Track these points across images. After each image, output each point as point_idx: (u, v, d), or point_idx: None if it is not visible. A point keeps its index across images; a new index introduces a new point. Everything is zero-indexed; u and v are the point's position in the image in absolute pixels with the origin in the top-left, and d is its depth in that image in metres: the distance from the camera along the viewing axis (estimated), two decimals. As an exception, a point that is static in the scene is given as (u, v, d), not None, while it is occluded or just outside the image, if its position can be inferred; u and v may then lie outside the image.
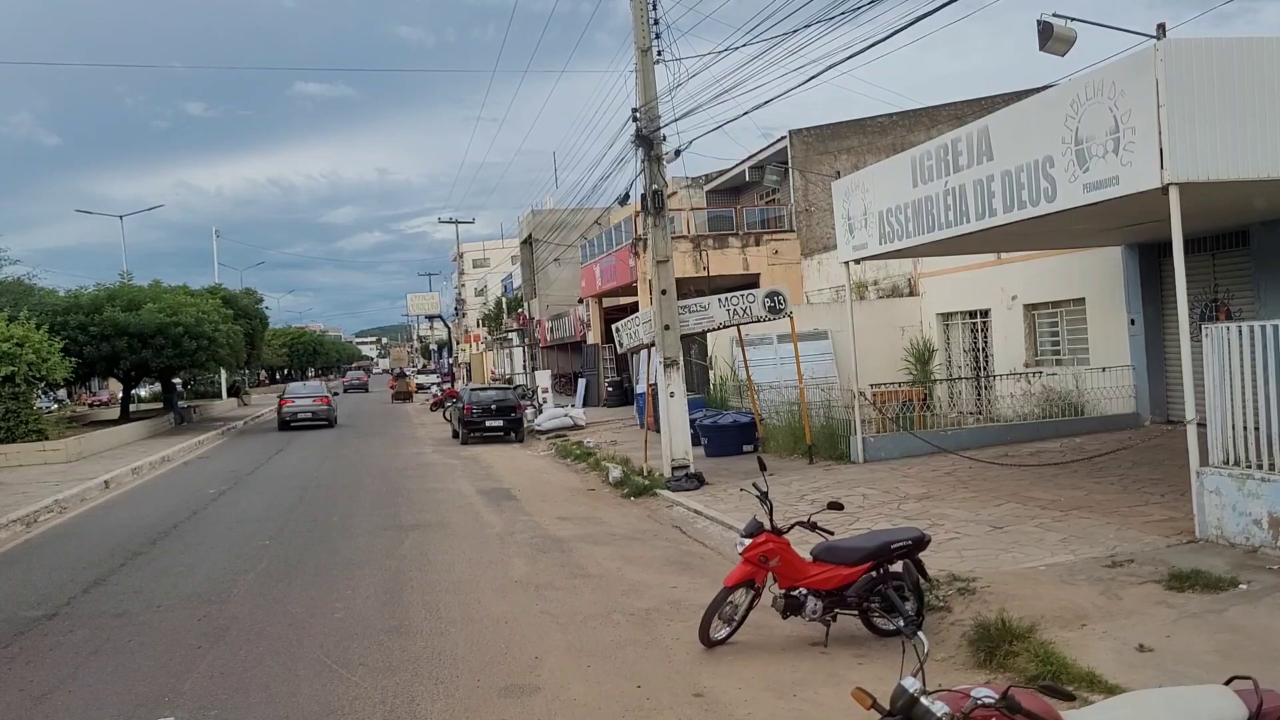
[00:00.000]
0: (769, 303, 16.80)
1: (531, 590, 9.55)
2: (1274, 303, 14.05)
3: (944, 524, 10.47)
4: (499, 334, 65.92)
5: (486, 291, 78.72)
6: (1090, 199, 9.76)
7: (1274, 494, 8.34)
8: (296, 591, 9.89)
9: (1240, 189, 9.80)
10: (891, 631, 7.11)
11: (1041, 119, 10.48)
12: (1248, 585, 7.47)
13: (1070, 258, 18.34)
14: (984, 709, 3.51)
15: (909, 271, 24.26)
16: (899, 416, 16.89)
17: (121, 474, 21.19)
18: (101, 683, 7.30)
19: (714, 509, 12.90)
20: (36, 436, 24.92)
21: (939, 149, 12.51)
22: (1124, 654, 6.29)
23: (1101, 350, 17.82)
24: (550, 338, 48.13)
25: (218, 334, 34.59)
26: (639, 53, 15.34)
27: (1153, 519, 9.96)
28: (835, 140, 31.32)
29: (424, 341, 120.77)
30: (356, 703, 6.62)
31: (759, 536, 7.36)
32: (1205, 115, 8.80)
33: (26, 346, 24.25)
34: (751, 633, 7.54)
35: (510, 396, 28.36)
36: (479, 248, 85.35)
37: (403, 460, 23.09)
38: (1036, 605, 7.28)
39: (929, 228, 12.89)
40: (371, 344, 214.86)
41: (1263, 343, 8.48)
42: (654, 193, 15.36)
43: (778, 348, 22.11)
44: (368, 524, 13.85)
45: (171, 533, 13.71)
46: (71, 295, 33.15)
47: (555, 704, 6.45)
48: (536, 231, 46.87)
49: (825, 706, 6.16)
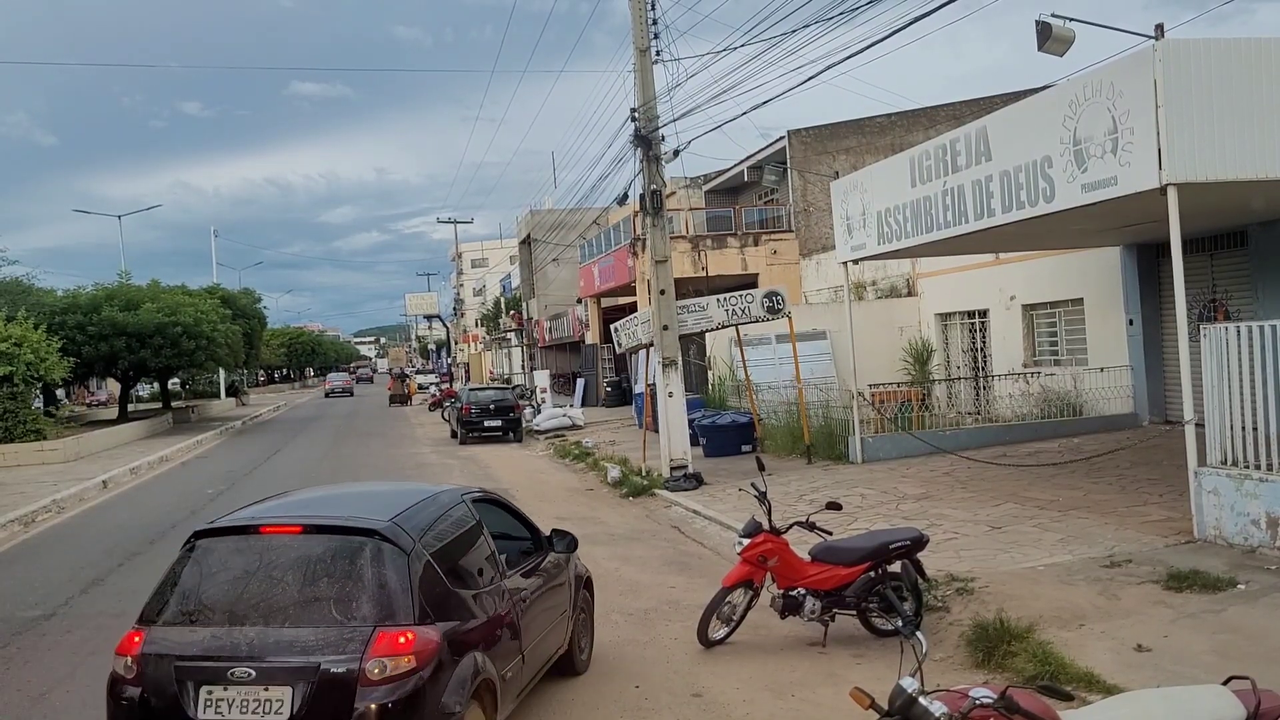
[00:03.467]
0: (767, 303, 16.80)
1: (530, 590, 9.53)
2: (1272, 303, 14.06)
3: (942, 524, 10.47)
4: (497, 334, 65.94)
5: (485, 291, 78.65)
6: (1088, 199, 9.77)
7: (1272, 494, 8.35)
8: (295, 591, 9.87)
9: (1238, 189, 9.81)
10: (890, 631, 7.11)
11: (1040, 119, 10.49)
12: (1246, 585, 7.48)
13: (1069, 258, 18.35)
14: (982, 709, 3.51)
15: (907, 272, 24.27)
16: (897, 417, 16.90)
17: (120, 474, 21.19)
18: (100, 683, 7.22)
19: (712, 509, 12.90)
20: (35, 436, 24.91)
21: (937, 149, 12.51)
22: (1122, 654, 6.30)
23: (1100, 350, 17.83)
24: (549, 338, 48.15)
25: (216, 334, 34.59)
26: (637, 53, 15.34)
27: (1151, 519, 9.97)
28: (834, 140, 31.32)
29: (422, 341, 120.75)
30: (355, 703, 6.61)
31: (757, 536, 7.36)
32: (1203, 116, 8.81)
33: (25, 346, 24.25)
34: (750, 633, 7.55)
35: (509, 396, 28.35)
36: (477, 247, 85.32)
37: (401, 460, 23.08)
38: (1035, 605, 7.28)
39: (927, 228, 12.89)
40: (370, 344, 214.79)
41: (1261, 343, 8.49)
42: (652, 193, 15.36)
43: (776, 348, 22.11)
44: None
45: (170, 533, 13.70)
46: (70, 295, 33.17)
47: (554, 704, 6.45)
48: (535, 231, 46.88)
49: (823, 706, 6.16)
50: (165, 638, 4.79)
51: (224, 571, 5.03)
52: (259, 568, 4.98)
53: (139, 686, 4.75)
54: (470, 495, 6.16)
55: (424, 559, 5.02)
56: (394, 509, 5.30)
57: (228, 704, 4.58)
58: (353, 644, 4.58)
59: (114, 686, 4.88)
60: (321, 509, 5.62)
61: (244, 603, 4.84)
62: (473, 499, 6.13)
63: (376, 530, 4.98)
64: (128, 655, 4.82)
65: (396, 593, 4.79)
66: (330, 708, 4.51)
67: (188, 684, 4.63)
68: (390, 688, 4.52)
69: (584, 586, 7.20)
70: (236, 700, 4.57)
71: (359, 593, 4.82)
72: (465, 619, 5.11)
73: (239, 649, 4.63)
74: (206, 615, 4.86)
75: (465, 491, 6.20)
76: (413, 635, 4.66)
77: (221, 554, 5.11)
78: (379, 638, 4.60)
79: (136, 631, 4.91)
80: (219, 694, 4.59)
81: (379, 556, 4.89)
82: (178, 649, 4.72)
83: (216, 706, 4.59)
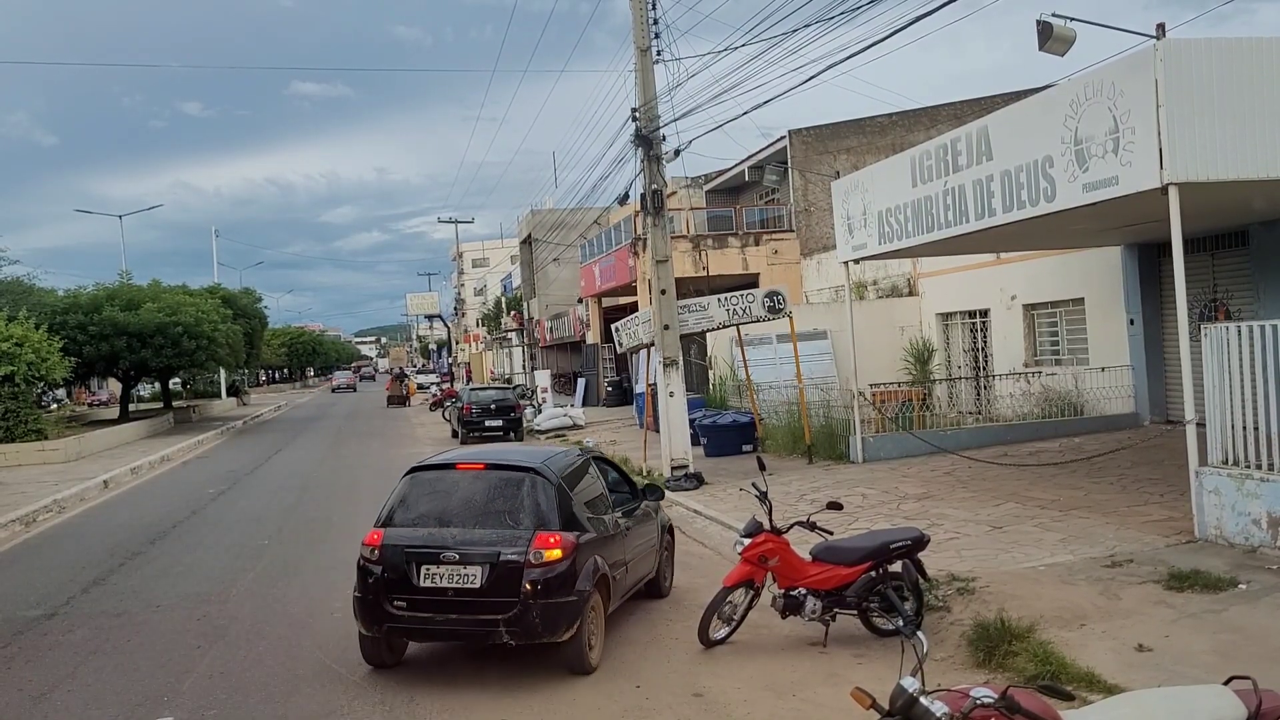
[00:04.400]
0: (768, 303, 16.79)
1: (531, 590, 9.54)
2: (1273, 303, 14.06)
3: (943, 524, 10.47)
4: (498, 334, 65.92)
5: (486, 291, 78.60)
6: (1090, 199, 9.76)
7: (1273, 494, 8.34)
8: (296, 591, 9.89)
9: (1239, 189, 9.80)
10: (891, 631, 7.11)
11: (1041, 119, 10.49)
12: (1247, 585, 7.47)
13: (1069, 258, 18.35)
14: (983, 709, 3.51)
15: (908, 271, 24.26)
16: (898, 416, 16.90)
17: (121, 474, 21.19)
18: (101, 682, 7.30)
19: (713, 509, 12.90)
20: (36, 436, 24.92)
21: (938, 149, 12.51)
22: (1123, 654, 6.30)
23: (1101, 350, 17.82)
24: (550, 337, 48.13)
25: (217, 334, 34.59)
26: (638, 52, 15.34)
27: (1152, 519, 9.97)
28: (835, 140, 31.30)
29: (423, 341, 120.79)
30: (355, 702, 6.62)
31: (758, 536, 7.36)
32: (1204, 115, 8.80)
33: (26, 346, 24.24)
34: (750, 633, 7.55)
35: (509, 396, 28.34)
36: (478, 247, 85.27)
37: (402, 460, 23.01)
38: (1036, 605, 7.28)
39: (928, 228, 12.89)
40: (371, 344, 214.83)
41: (1262, 343, 8.48)
42: (653, 192, 15.36)
43: (777, 347, 22.11)
44: (367, 524, 13.69)
45: (171, 532, 13.71)
46: (70, 295, 33.17)
47: (554, 703, 6.45)
48: (536, 231, 46.87)
49: (824, 706, 6.16)
50: (398, 534, 7.08)
51: (432, 493, 7.36)
52: (456, 490, 7.31)
53: (380, 565, 6.96)
54: (591, 454, 8.61)
55: (564, 489, 7.24)
56: (543, 457, 7.64)
57: (439, 577, 6.82)
58: (520, 540, 6.81)
59: (363, 565, 7.06)
60: (494, 456, 8.11)
61: (447, 513, 7.15)
62: (593, 456, 8.56)
63: (533, 468, 7.29)
64: (373, 545, 7.05)
65: (547, 509, 7.04)
66: (506, 581, 6.68)
67: (412, 564, 6.88)
68: (544, 570, 6.71)
69: (667, 531, 9.33)
70: (444, 574, 6.81)
71: (523, 508, 7.07)
72: (589, 533, 7.23)
73: (446, 541, 6.88)
74: (423, 520, 7.16)
75: (587, 451, 8.86)
76: (558, 537, 6.85)
77: (429, 482, 7.50)
78: (537, 537, 6.82)
79: (377, 532, 7.14)
80: (433, 570, 6.84)
81: (535, 485, 7.17)
82: (406, 541, 6.99)
83: (432, 579, 6.83)
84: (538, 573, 6.65)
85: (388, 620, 6.92)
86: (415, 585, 6.84)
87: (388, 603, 6.89)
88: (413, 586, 6.85)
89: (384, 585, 6.90)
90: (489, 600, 6.71)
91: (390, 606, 6.88)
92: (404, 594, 6.87)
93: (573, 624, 6.76)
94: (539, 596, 6.63)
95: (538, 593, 6.63)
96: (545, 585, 6.64)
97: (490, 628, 6.72)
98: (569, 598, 6.75)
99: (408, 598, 6.86)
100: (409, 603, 6.86)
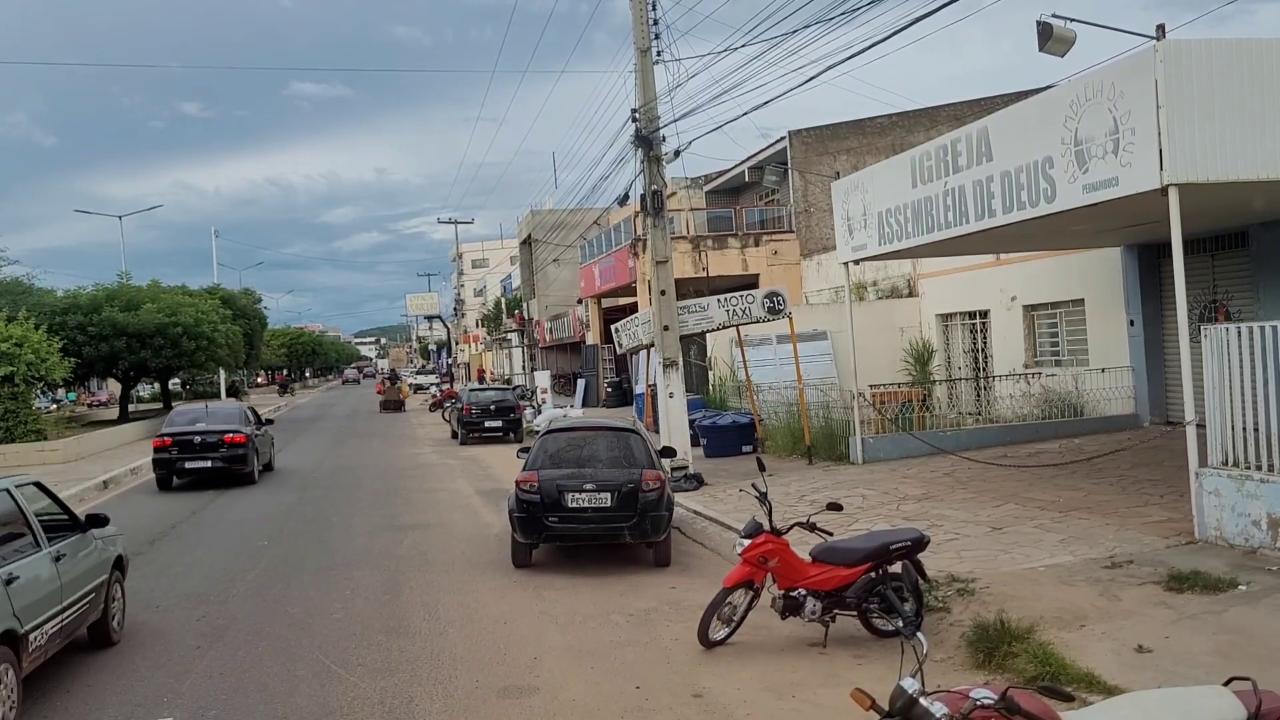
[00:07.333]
0: (768, 303, 16.79)
1: (530, 590, 9.55)
2: (1273, 304, 14.06)
3: (943, 525, 10.47)
4: (498, 334, 65.92)
5: (486, 292, 78.59)
6: (1090, 200, 9.77)
7: (1273, 495, 8.34)
8: (295, 592, 9.88)
9: (1239, 190, 9.80)
10: (890, 632, 7.11)
11: (1041, 120, 10.49)
12: (1247, 586, 7.47)
13: (1069, 258, 18.35)
14: (983, 710, 3.51)
15: (908, 272, 24.26)
16: (898, 417, 16.90)
17: (120, 473, 21.17)
18: (100, 682, 7.29)
19: (713, 509, 12.89)
20: (35, 437, 24.90)
21: (938, 150, 12.51)
22: (1123, 655, 6.30)
23: (1101, 351, 17.83)
24: (549, 338, 48.14)
25: (216, 334, 34.57)
26: (638, 53, 15.34)
27: (1152, 520, 9.97)
28: (835, 141, 31.30)
29: (423, 342, 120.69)
30: (355, 703, 6.62)
31: (758, 537, 7.36)
32: (1204, 116, 8.80)
33: (25, 346, 24.22)
34: (750, 633, 7.55)
35: (509, 397, 28.32)
36: (478, 248, 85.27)
37: (401, 460, 23.08)
38: (1035, 606, 7.28)
39: (928, 228, 12.89)
40: (370, 344, 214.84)
41: (1262, 344, 8.48)
42: (653, 193, 15.36)
43: (777, 348, 22.10)
44: (366, 524, 13.85)
45: (170, 533, 13.70)
46: (70, 295, 33.13)
47: (554, 704, 6.45)
48: (536, 232, 46.88)
49: (824, 707, 6.16)
50: (548, 474, 10.18)
51: (566, 446, 10.67)
52: (583, 445, 10.65)
53: (538, 495, 10.04)
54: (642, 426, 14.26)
55: (651, 442, 11.12)
56: (632, 422, 12.38)
57: (583, 499, 10.00)
58: (634, 474, 10.16)
59: (521, 496, 10.16)
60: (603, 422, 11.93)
61: (581, 458, 10.46)
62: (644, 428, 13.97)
63: (632, 429, 11.18)
64: (532, 482, 10.12)
65: (646, 455, 10.52)
66: (629, 501, 10.00)
67: (563, 492, 10.02)
68: (652, 492, 10.07)
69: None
70: (584, 498, 10.00)
71: (631, 455, 10.48)
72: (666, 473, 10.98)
73: (584, 477, 10.13)
74: (563, 463, 10.39)
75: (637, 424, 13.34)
76: (655, 473, 10.27)
77: (560, 439, 10.85)
78: (644, 474, 10.16)
79: (533, 473, 10.22)
80: (576, 496, 10.02)
81: (636, 439, 10.79)
82: (555, 478, 10.13)
83: (578, 501, 10.00)
84: (647, 494, 9.99)
85: (544, 530, 10.06)
86: (565, 506, 9.96)
87: (544, 519, 9.99)
88: (564, 507, 9.97)
89: (541, 507, 9.98)
90: (617, 514, 9.96)
91: (546, 521, 10.00)
92: (557, 512, 9.99)
93: (665, 530, 10.24)
94: (649, 510, 9.97)
95: (648, 507, 9.97)
96: (653, 503, 10.01)
97: (617, 532, 10.03)
98: (664, 512, 10.18)
99: (560, 514, 9.99)
100: (560, 518, 9.99)
